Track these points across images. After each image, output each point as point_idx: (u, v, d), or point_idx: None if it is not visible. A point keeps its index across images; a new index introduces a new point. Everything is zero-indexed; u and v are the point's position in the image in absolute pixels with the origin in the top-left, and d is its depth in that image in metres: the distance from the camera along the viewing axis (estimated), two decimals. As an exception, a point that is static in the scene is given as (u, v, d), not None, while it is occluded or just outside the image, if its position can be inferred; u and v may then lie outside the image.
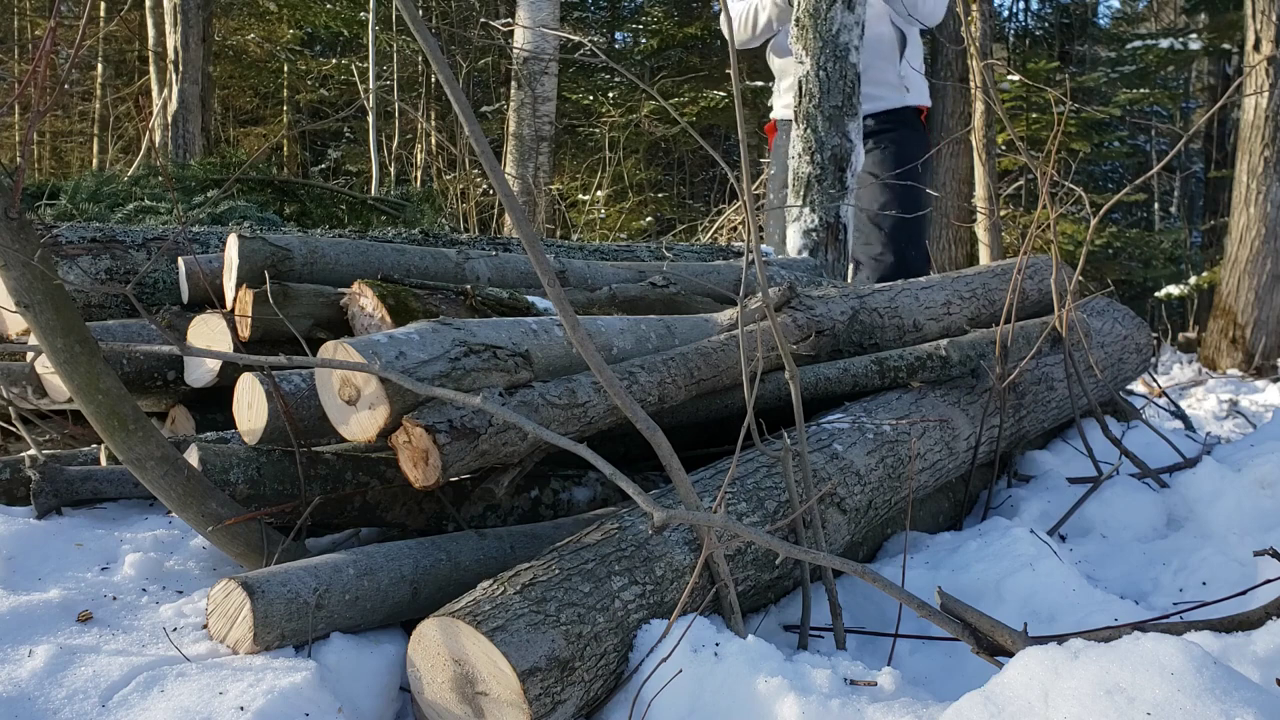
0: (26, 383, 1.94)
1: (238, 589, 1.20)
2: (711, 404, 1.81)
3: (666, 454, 1.25)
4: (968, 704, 1.03)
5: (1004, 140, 9.13)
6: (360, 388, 1.30)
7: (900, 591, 1.17)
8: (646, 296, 2.10)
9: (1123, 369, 2.85)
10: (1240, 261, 7.02)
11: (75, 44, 1.47)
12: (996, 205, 8.83)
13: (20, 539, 1.48)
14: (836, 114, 3.38)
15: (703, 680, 1.16)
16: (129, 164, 8.52)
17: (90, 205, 3.28)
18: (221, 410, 1.92)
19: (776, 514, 1.48)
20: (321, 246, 1.89)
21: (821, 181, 3.39)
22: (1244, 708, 0.91)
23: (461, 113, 1.07)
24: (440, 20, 9.53)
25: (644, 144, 10.44)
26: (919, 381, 2.01)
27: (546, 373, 1.48)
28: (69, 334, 1.24)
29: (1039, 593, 1.54)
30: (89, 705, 1.09)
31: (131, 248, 2.18)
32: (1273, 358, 6.91)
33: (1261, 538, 1.74)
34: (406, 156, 8.94)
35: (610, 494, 1.76)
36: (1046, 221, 2.22)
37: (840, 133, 3.40)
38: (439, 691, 1.14)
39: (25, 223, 1.22)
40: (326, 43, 12.44)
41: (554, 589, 1.17)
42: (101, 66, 11.10)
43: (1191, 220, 14.48)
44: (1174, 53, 11.58)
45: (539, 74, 7.81)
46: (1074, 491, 2.14)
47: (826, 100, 3.37)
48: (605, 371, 1.19)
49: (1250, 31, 6.93)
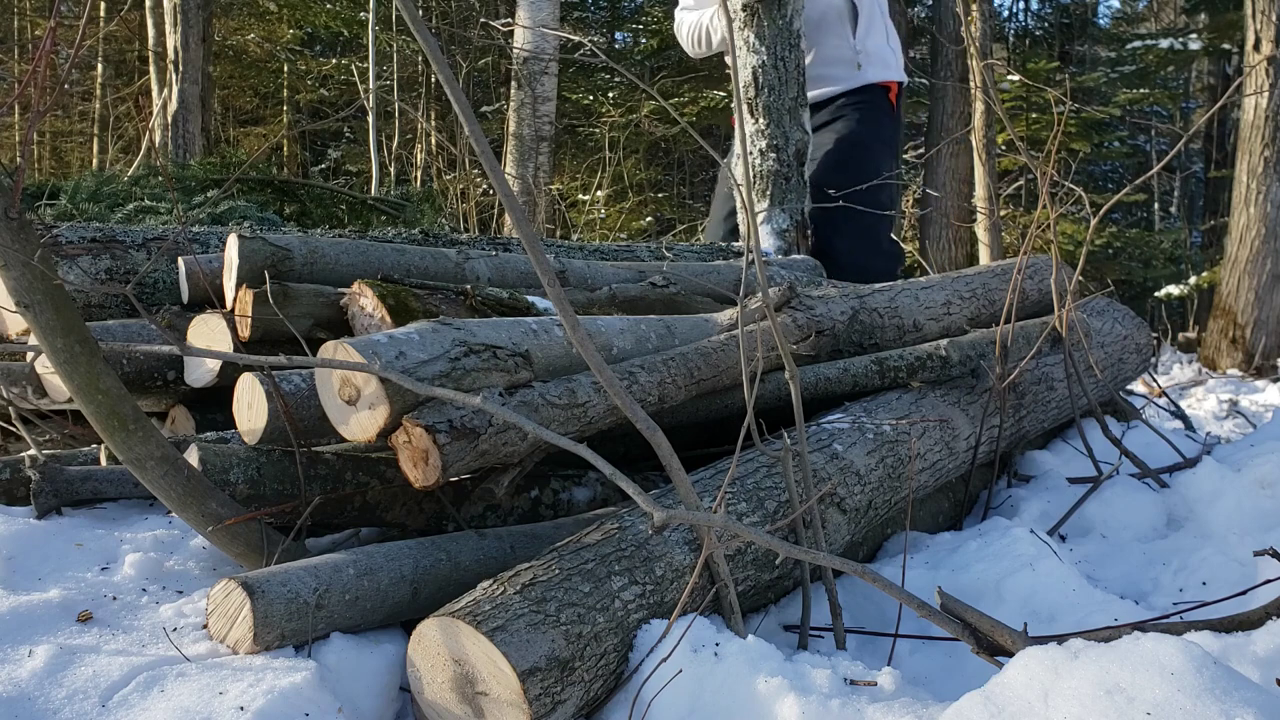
0: (26, 383, 1.94)
1: (238, 589, 1.20)
2: (711, 404, 1.81)
3: (666, 454, 1.25)
4: (968, 704, 1.03)
5: (1004, 140, 9.13)
6: (360, 388, 1.30)
7: (900, 591, 1.17)
8: (646, 296, 2.10)
9: (1123, 369, 2.85)
10: (1240, 261, 7.02)
11: (75, 44, 1.47)
12: (996, 205, 8.83)
13: (20, 539, 1.48)
14: (794, 106, 3.25)
15: (703, 680, 1.16)
16: (129, 164, 8.52)
17: (90, 205, 3.28)
18: (221, 410, 1.92)
19: (776, 514, 1.48)
20: (321, 246, 1.89)
21: (788, 180, 3.26)
22: (1244, 708, 0.91)
23: (461, 113, 1.07)
24: (440, 20, 9.53)
25: (644, 144, 10.44)
26: (919, 381, 2.01)
27: (546, 373, 1.48)
28: (69, 334, 1.24)
29: (1039, 593, 1.54)
30: (89, 705, 1.09)
31: (131, 248, 2.18)
32: (1273, 358, 6.91)
33: (1261, 538, 1.74)
34: (406, 156, 8.94)
35: (610, 494, 1.76)
36: (1046, 221, 2.22)
37: (799, 125, 3.26)
38: (439, 691, 1.14)
39: (25, 223, 1.22)
40: (326, 43, 12.45)
41: (554, 589, 1.17)
42: (101, 66, 11.10)
43: (1191, 220, 14.48)
44: (1174, 53, 11.58)
45: (539, 74, 7.81)
46: (1074, 491, 2.14)
47: (785, 92, 3.23)
48: (605, 371, 1.19)
49: (1250, 31, 6.93)
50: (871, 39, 3.63)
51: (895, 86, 3.70)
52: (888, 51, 3.67)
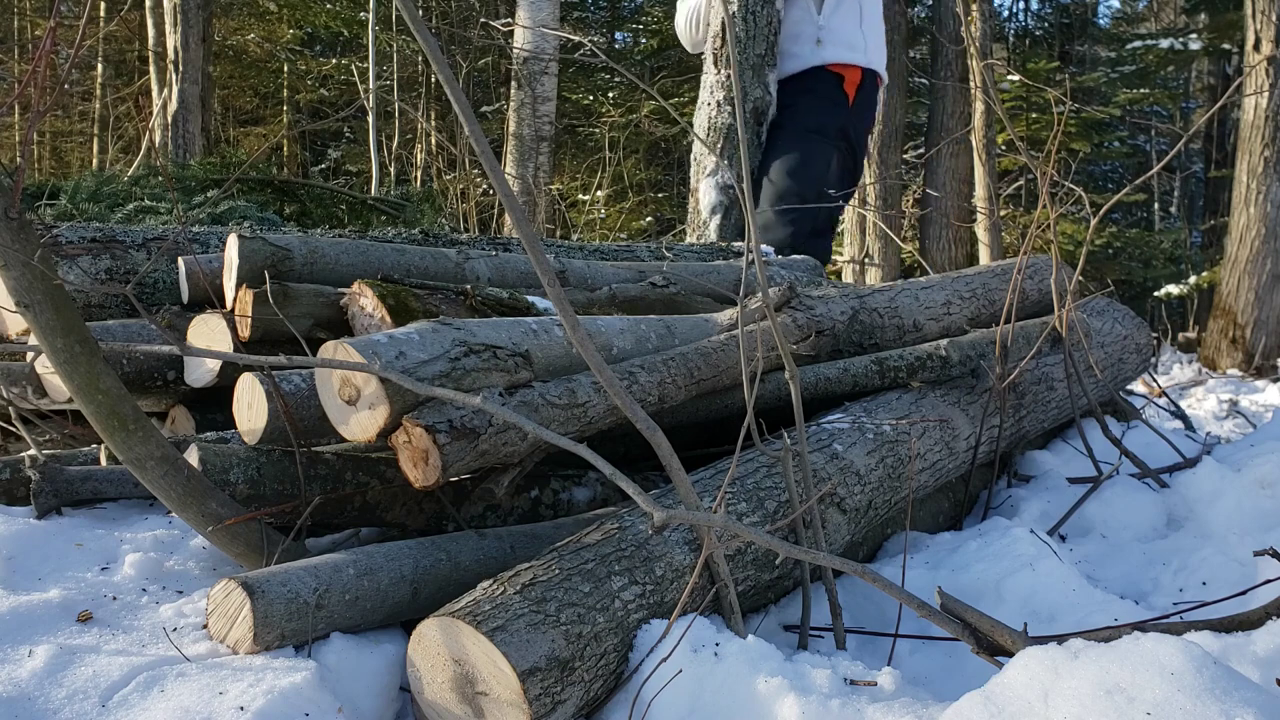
0: (26, 383, 1.94)
1: (238, 589, 1.20)
2: (711, 404, 1.81)
3: (666, 454, 1.25)
4: (968, 704, 1.03)
5: (1004, 140, 9.13)
6: (360, 388, 1.30)
7: (900, 591, 1.17)
8: (646, 296, 2.10)
9: (1123, 369, 2.85)
10: (1240, 261, 7.02)
11: (75, 44, 1.47)
12: (996, 205, 8.83)
13: (20, 539, 1.48)
14: (760, 62, 3.22)
15: (703, 680, 1.16)
16: (129, 164, 8.53)
17: (90, 205, 3.28)
18: (221, 410, 1.92)
19: (776, 514, 1.48)
20: (321, 246, 1.89)
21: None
22: (1244, 708, 0.91)
23: (461, 113, 1.07)
24: (440, 20, 9.53)
25: (644, 144, 10.44)
26: (919, 381, 2.01)
27: (546, 373, 1.48)
28: (69, 334, 1.24)
29: (1039, 593, 1.54)
30: (89, 705, 1.09)
31: (131, 248, 2.18)
32: (1273, 358, 6.91)
33: (1261, 538, 1.74)
34: (406, 156, 8.94)
35: (610, 494, 1.76)
36: (1046, 221, 2.22)
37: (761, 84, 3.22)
38: (439, 691, 1.14)
39: (25, 223, 1.22)
40: (326, 43, 12.45)
41: (554, 589, 1.17)
42: (101, 66, 11.10)
43: (1191, 220, 14.47)
44: (1174, 53, 11.58)
45: (539, 74, 7.81)
46: (1074, 491, 2.14)
47: (751, 47, 3.20)
48: (605, 371, 1.19)
49: (1250, 31, 6.93)
50: (839, 17, 3.54)
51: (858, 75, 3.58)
52: (857, 35, 3.57)
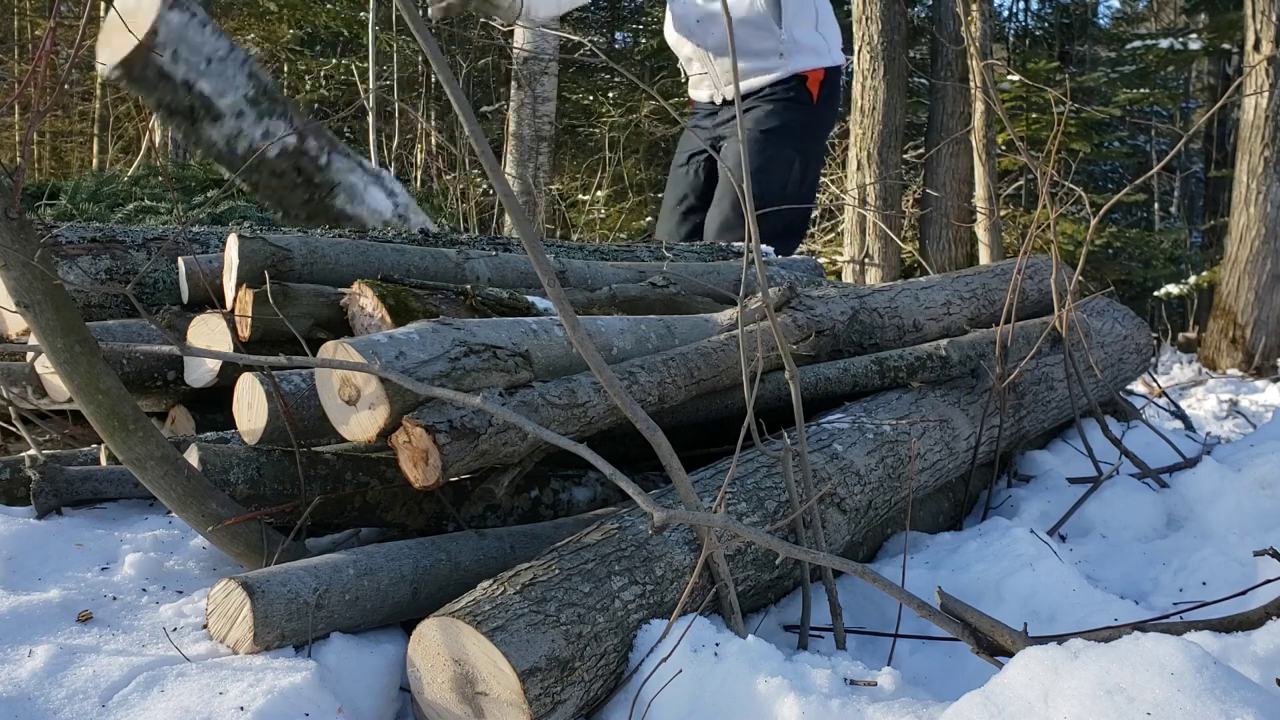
0: (26, 383, 1.94)
1: (238, 589, 1.20)
2: (711, 404, 1.81)
3: (666, 454, 1.25)
4: (968, 704, 1.03)
5: (1004, 140, 9.13)
6: (360, 388, 1.30)
7: (900, 591, 1.17)
8: (646, 296, 2.10)
9: (1123, 369, 2.85)
10: (1240, 261, 7.02)
11: (75, 44, 1.47)
12: (996, 205, 8.82)
13: (20, 539, 1.48)
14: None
15: (703, 680, 1.16)
16: (129, 164, 8.52)
17: (90, 205, 3.28)
18: (221, 410, 1.92)
19: (776, 514, 1.48)
20: (321, 246, 1.89)
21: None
22: (1244, 708, 0.91)
23: (461, 113, 1.07)
24: (440, 20, 9.52)
25: (644, 144, 10.44)
26: (919, 381, 2.01)
27: (546, 373, 1.48)
28: (69, 334, 1.24)
29: (1039, 593, 1.54)
30: (89, 705, 1.09)
31: (131, 248, 2.18)
32: (1273, 358, 6.91)
33: (1261, 538, 1.74)
34: (406, 156, 8.94)
35: (610, 494, 1.76)
36: (1046, 221, 2.22)
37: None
38: (439, 691, 1.14)
39: (25, 223, 1.22)
40: (326, 43, 12.43)
41: (554, 589, 1.17)
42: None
43: (1191, 220, 14.47)
44: (1174, 53, 11.57)
45: (539, 74, 7.81)
46: (1074, 491, 2.14)
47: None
48: (605, 371, 1.19)
49: (1250, 31, 6.93)
50: (798, 27, 3.61)
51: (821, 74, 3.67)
52: (816, 38, 3.66)
